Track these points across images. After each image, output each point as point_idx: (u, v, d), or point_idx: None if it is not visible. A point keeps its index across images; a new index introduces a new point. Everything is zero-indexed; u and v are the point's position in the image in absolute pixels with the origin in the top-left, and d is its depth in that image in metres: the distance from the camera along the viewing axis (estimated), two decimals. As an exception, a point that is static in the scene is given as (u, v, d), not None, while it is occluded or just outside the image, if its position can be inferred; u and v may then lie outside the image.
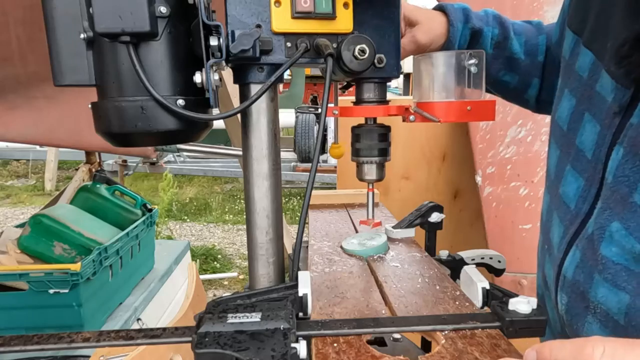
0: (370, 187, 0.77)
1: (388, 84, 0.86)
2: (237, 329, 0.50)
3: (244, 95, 0.62)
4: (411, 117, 0.65)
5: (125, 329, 0.53)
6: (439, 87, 0.63)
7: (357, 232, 0.98)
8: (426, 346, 0.68)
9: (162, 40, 0.54)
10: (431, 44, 0.83)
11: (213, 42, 0.53)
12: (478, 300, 0.63)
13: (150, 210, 2.30)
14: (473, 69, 0.61)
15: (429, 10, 0.86)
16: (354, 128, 0.72)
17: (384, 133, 0.71)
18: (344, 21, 0.59)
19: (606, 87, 0.62)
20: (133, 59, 0.51)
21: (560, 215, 0.71)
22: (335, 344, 0.53)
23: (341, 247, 0.88)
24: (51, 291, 1.59)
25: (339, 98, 0.76)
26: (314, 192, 1.22)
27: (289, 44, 0.59)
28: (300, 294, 0.57)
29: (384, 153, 0.71)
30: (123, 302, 2.00)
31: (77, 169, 3.08)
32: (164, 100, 0.52)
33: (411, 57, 0.79)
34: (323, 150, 5.82)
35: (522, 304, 0.54)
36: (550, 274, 0.73)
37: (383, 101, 0.67)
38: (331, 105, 0.66)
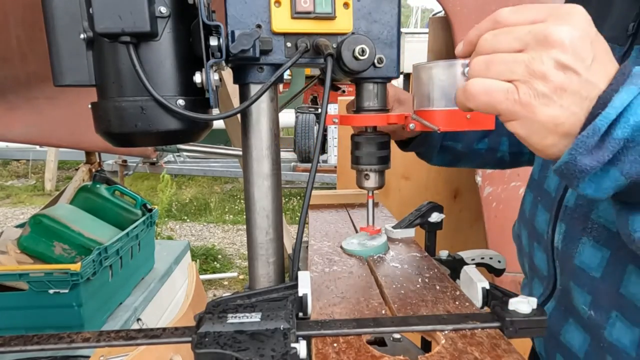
0: (370, 194, 0.77)
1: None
2: (237, 329, 0.50)
3: (244, 95, 0.62)
4: (411, 125, 0.65)
5: (125, 329, 0.53)
6: (439, 96, 0.63)
7: (357, 232, 0.98)
8: (426, 346, 0.68)
9: (162, 40, 0.54)
10: None
11: (213, 42, 0.53)
12: (478, 300, 0.63)
13: (150, 210, 2.30)
14: None
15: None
16: (353, 136, 0.72)
17: (384, 141, 0.71)
18: (344, 21, 0.59)
19: None
20: (133, 59, 0.51)
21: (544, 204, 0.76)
22: (335, 344, 0.53)
23: (341, 247, 0.88)
24: (51, 291, 1.59)
25: (339, 98, 0.76)
26: (314, 192, 1.22)
27: (288, 44, 0.59)
28: (300, 294, 0.57)
29: (384, 161, 0.72)
30: (123, 302, 2.00)
31: (77, 169, 3.08)
32: (164, 100, 0.52)
33: (411, 63, 0.80)
34: (323, 150, 5.82)
35: (522, 304, 0.54)
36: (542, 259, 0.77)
37: (383, 109, 0.67)
38: (332, 111, 0.67)
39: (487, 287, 0.63)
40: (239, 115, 0.59)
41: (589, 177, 0.44)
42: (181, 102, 0.55)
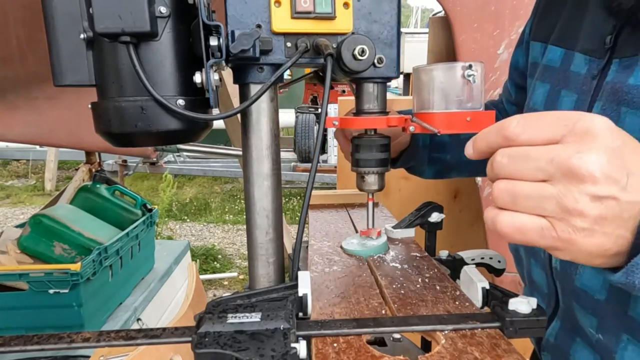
0: (371, 196, 0.77)
1: (388, 84, 0.86)
2: (237, 329, 0.50)
3: (244, 95, 0.62)
4: (411, 128, 0.65)
5: (125, 329, 0.53)
6: (439, 98, 0.63)
7: (357, 232, 0.98)
8: (426, 346, 0.68)
9: (162, 40, 0.54)
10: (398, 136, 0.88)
11: (213, 42, 0.53)
12: (478, 300, 0.63)
13: (150, 210, 2.30)
14: (473, 80, 0.61)
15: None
16: (354, 138, 0.72)
17: (385, 144, 0.71)
18: (344, 21, 0.59)
19: (579, 64, 0.68)
20: (133, 59, 0.51)
21: None
22: (335, 344, 0.53)
23: (341, 247, 0.88)
24: (51, 291, 1.59)
25: (339, 98, 0.76)
26: (314, 192, 1.22)
27: (288, 44, 0.59)
28: (300, 294, 0.57)
29: (385, 163, 0.72)
30: (123, 302, 2.00)
31: (77, 169, 3.08)
32: (164, 100, 0.52)
33: (411, 66, 0.81)
34: (323, 150, 5.82)
35: (522, 304, 0.54)
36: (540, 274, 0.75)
37: (383, 112, 0.67)
38: (332, 114, 0.67)
39: (487, 287, 0.63)
40: (239, 115, 0.59)
41: None
42: (181, 102, 0.55)
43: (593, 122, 0.40)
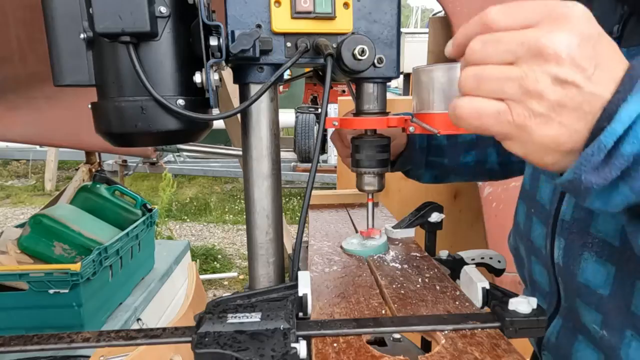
0: (370, 197, 0.77)
1: (388, 84, 0.86)
2: (237, 329, 0.50)
3: (244, 95, 0.62)
4: (411, 129, 0.65)
5: (125, 329, 0.53)
6: (439, 99, 0.63)
7: (357, 232, 0.98)
8: (426, 346, 0.69)
9: (162, 40, 0.54)
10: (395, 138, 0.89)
11: (213, 42, 0.53)
12: (478, 300, 0.63)
13: (150, 210, 2.30)
14: None
15: None
16: (353, 139, 0.72)
17: (385, 144, 0.71)
18: (344, 21, 0.59)
19: None
20: (133, 59, 0.51)
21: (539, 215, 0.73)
22: (335, 344, 0.53)
23: (341, 247, 0.88)
24: (51, 291, 1.59)
25: (339, 98, 0.76)
26: (314, 192, 1.22)
27: (288, 44, 0.59)
28: (300, 294, 0.57)
29: (384, 164, 0.72)
30: (123, 302, 2.00)
31: (77, 169, 3.08)
32: (164, 100, 0.52)
33: (411, 66, 0.81)
34: (323, 150, 5.82)
35: (522, 304, 0.54)
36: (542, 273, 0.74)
37: (383, 112, 0.67)
38: (332, 114, 0.67)
39: (487, 287, 0.63)
40: (239, 115, 0.59)
41: (596, 193, 0.41)
42: (181, 102, 0.55)
43: (571, 8, 0.39)
